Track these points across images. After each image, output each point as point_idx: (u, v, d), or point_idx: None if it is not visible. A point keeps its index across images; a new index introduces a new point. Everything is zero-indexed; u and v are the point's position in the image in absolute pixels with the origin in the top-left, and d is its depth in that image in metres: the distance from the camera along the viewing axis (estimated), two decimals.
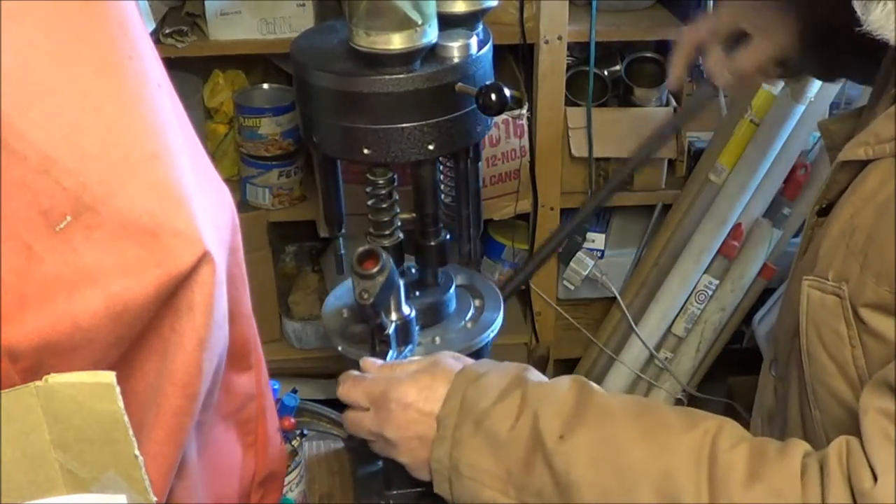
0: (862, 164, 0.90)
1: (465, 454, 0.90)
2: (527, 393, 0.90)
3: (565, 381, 0.91)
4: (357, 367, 1.04)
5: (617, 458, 0.84)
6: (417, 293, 1.16)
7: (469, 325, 1.18)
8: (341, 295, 1.24)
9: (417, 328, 1.10)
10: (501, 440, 0.88)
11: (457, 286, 1.20)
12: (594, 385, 0.91)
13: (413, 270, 1.20)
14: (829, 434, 0.91)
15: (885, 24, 0.83)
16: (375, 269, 0.98)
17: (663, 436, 0.84)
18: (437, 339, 1.15)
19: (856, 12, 0.83)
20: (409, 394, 0.94)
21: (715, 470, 0.80)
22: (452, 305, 1.18)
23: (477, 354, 1.21)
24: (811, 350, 0.92)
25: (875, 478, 0.74)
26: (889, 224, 0.83)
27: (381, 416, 0.97)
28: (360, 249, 1.00)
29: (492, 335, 1.17)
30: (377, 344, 1.05)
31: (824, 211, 0.96)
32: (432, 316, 1.16)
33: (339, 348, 1.16)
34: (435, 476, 0.93)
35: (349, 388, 1.00)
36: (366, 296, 0.98)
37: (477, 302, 1.21)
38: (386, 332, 1.04)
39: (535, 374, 0.94)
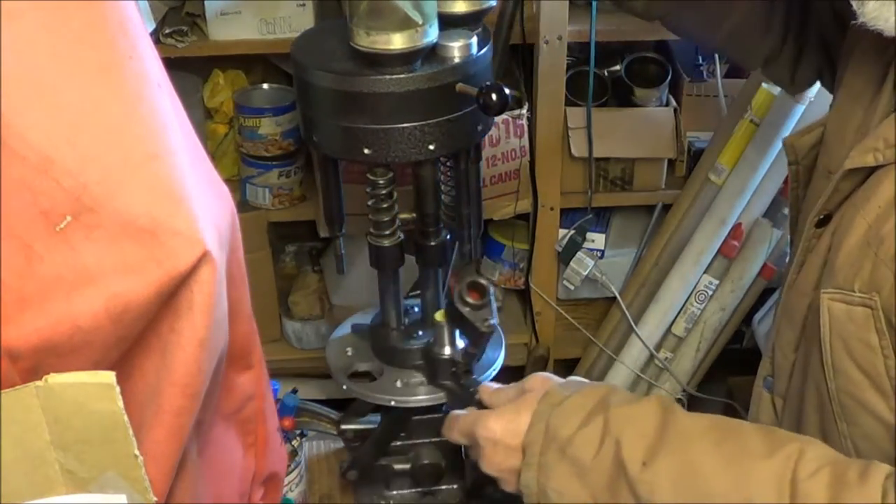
0: (867, 172, 0.88)
1: (552, 480, 0.92)
2: (609, 418, 0.90)
3: (649, 403, 0.91)
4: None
5: (699, 485, 0.84)
6: (420, 332, 1.18)
7: None
8: (345, 333, 1.26)
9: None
10: (586, 467, 0.89)
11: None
12: (677, 406, 0.91)
13: (415, 309, 1.21)
14: (859, 445, 0.89)
15: (879, 15, 0.82)
16: (482, 300, 1.06)
17: (745, 463, 0.83)
18: None
19: (851, 5, 0.83)
20: (496, 430, 0.98)
21: (795, 499, 0.80)
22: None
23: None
24: (837, 363, 0.90)
25: None
26: None
27: (476, 452, 1.02)
28: (466, 281, 1.06)
29: (493, 374, 1.19)
30: (462, 374, 1.13)
31: (822, 222, 0.94)
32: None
33: (344, 387, 1.18)
34: (526, 500, 0.96)
35: (448, 430, 1.08)
36: (487, 324, 1.06)
37: None
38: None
39: (618, 396, 0.94)
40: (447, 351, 1.13)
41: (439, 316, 1.12)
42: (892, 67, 0.91)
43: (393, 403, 1.17)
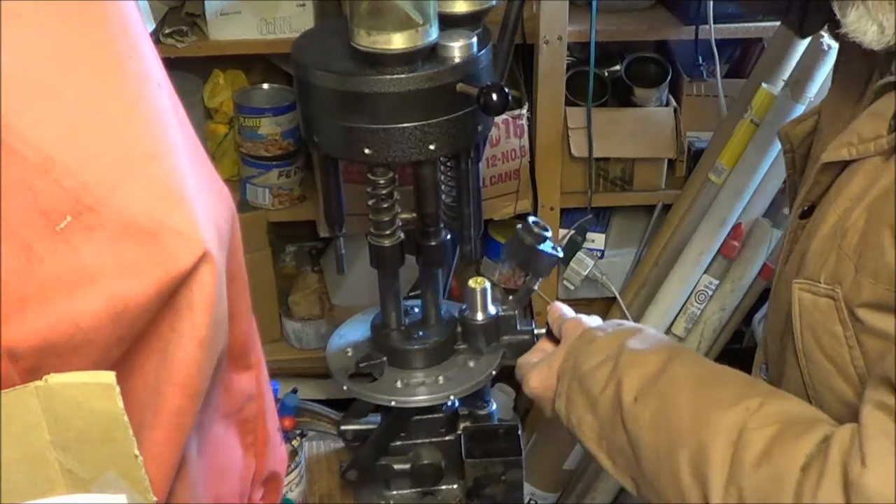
0: (843, 165, 0.89)
1: (573, 409, 1.05)
2: (619, 359, 1.01)
3: (657, 352, 1.01)
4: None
5: (669, 424, 0.93)
6: (421, 333, 1.18)
7: (472, 363, 1.19)
8: (346, 333, 1.26)
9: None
10: (595, 400, 1.02)
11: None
12: (684, 354, 1.01)
13: (416, 310, 1.21)
14: None
15: (858, 28, 0.84)
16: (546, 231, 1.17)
17: (710, 410, 0.90)
18: (441, 379, 1.17)
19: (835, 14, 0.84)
20: (536, 387, 1.12)
21: (738, 448, 0.85)
22: (455, 345, 1.20)
23: (480, 392, 1.22)
24: (808, 352, 0.93)
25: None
26: (881, 223, 0.83)
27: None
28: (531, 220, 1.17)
29: (493, 374, 1.19)
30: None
31: (807, 213, 0.96)
32: (436, 356, 1.18)
33: (344, 388, 1.18)
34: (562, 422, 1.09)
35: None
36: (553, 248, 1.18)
37: None
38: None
39: (636, 339, 1.04)
40: (480, 317, 1.18)
41: (473, 283, 1.16)
42: (872, 66, 0.92)
43: (393, 404, 1.17)
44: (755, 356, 1.11)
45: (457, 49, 1.00)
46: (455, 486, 1.28)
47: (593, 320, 1.15)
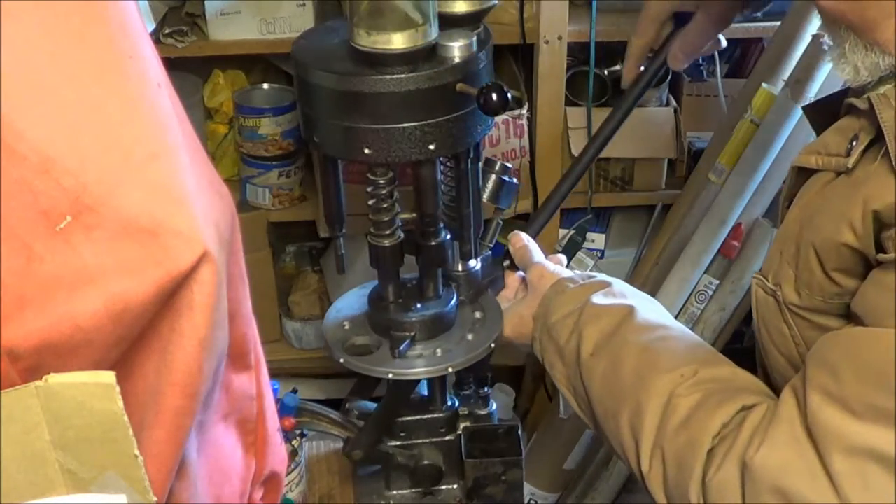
0: (811, 171, 0.92)
1: (546, 355, 1.13)
2: (582, 314, 1.07)
3: (619, 308, 1.06)
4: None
5: (616, 383, 0.99)
6: (419, 305, 1.17)
7: (470, 336, 1.18)
8: (342, 307, 1.25)
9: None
10: (561, 349, 1.09)
11: (458, 298, 1.20)
12: (642, 315, 1.04)
13: (413, 282, 1.21)
14: None
15: (837, 65, 0.88)
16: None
17: (650, 373, 0.96)
18: (439, 351, 1.16)
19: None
20: (510, 335, 1.20)
21: (666, 412, 0.91)
22: (454, 318, 1.19)
23: (479, 365, 1.21)
24: (764, 344, 0.98)
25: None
26: (809, 241, 0.87)
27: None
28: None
29: (493, 346, 1.18)
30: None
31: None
32: (434, 328, 1.17)
33: (341, 360, 1.17)
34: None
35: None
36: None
37: (478, 314, 1.21)
38: None
39: (602, 296, 1.09)
40: (460, 267, 1.22)
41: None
42: None
43: (390, 376, 1.15)
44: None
45: (457, 49, 1.00)
46: (455, 486, 1.28)
47: (558, 267, 1.20)
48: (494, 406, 1.30)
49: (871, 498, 0.76)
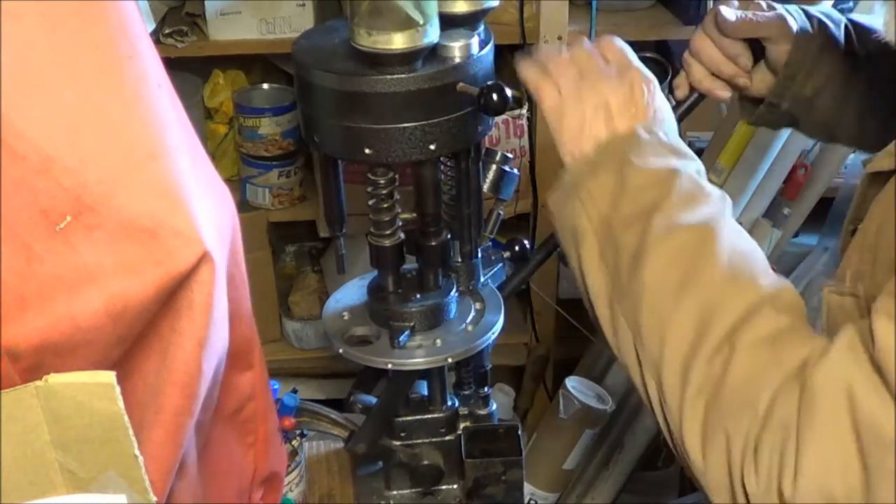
0: (889, 175, 0.86)
1: (598, 176, 0.91)
2: (676, 175, 0.89)
3: (714, 191, 0.91)
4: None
5: (693, 262, 0.84)
6: (418, 296, 1.16)
7: (470, 327, 1.18)
8: (342, 297, 1.24)
9: None
10: (628, 190, 0.89)
11: (458, 289, 1.19)
12: (729, 210, 0.92)
13: (413, 273, 1.20)
14: None
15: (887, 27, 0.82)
16: None
17: (744, 274, 0.83)
18: (439, 342, 1.15)
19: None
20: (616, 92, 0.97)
21: (749, 315, 0.79)
22: (453, 308, 1.18)
23: (478, 357, 1.21)
24: None
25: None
26: (888, 243, 0.81)
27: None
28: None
29: (493, 337, 1.17)
30: None
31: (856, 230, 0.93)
32: (433, 319, 1.16)
33: (340, 351, 1.16)
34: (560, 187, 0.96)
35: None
36: None
37: (478, 305, 1.21)
38: None
39: (697, 172, 0.92)
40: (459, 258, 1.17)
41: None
42: None
43: (390, 367, 1.14)
44: None
45: (457, 49, 1.00)
46: (455, 487, 1.28)
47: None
48: (494, 406, 1.29)
49: None
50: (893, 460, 0.68)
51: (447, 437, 1.27)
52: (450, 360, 1.14)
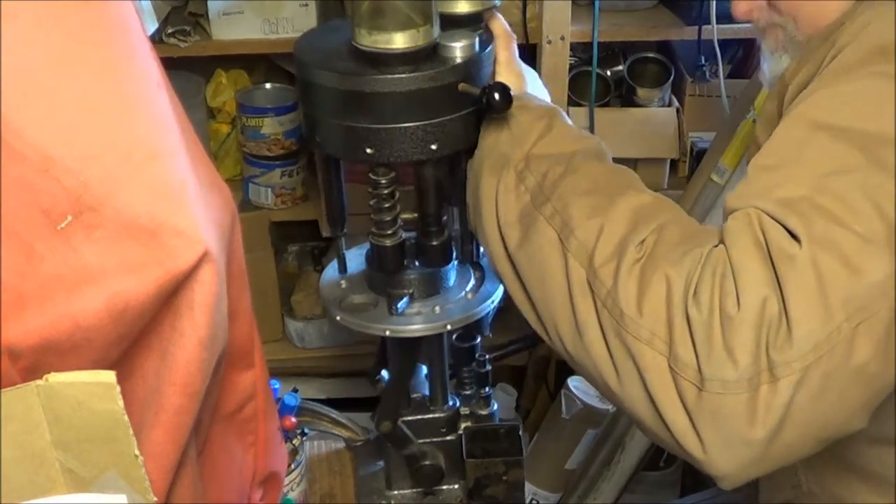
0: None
1: (527, 118, 1.00)
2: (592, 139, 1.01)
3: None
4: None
5: (614, 178, 0.93)
6: (417, 263, 1.16)
7: (469, 295, 1.17)
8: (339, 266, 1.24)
9: None
10: (552, 136, 0.99)
11: (457, 258, 1.19)
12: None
13: (412, 241, 1.19)
14: None
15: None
16: None
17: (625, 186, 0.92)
18: (437, 309, 1.14)
19: None
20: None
21: (671, 221, 0.86)
22: (453, 276, 1.18)
23: (477, 324, 1.20)
24: None
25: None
26: None
27: None
28: None
29: (492, 305, 1.16)
30: None
31: None
32: (433, 286, 1.16)
33: (338, 318, 1.15)
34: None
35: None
36: None
37: (477, 273, 1.20)
38: None
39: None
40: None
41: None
42: None
43: (388, 333, 1.14)
44: None
45: (458, 49, 1.00)
46: (456, 487, 1.28)
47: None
48: (496, 406, 1.29)
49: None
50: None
51: (448, 437, 1.27)
52: (448, 326, 1.13)
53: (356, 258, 1.22)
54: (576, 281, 0.88)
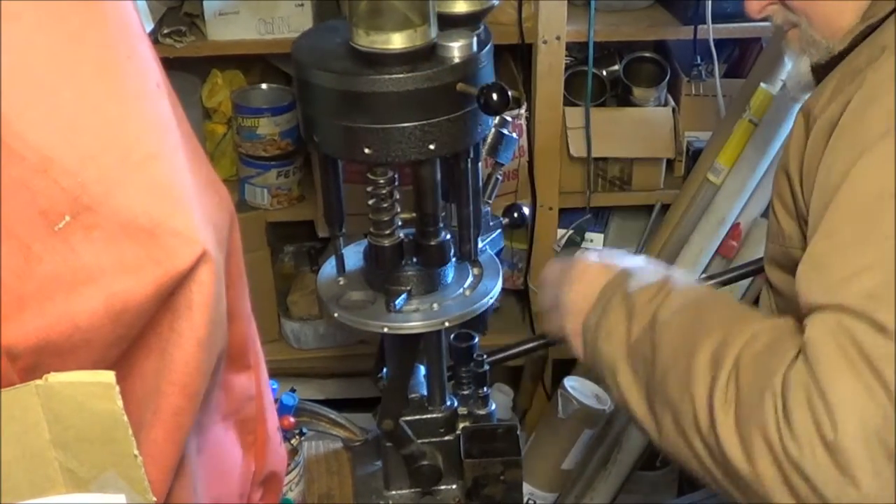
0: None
1: (608, 319, 1.02)
2: (667, 281, 1.00)
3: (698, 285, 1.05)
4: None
5: (695, 329, 0.91)
6: (415, 259, 1.15)
7: (467, 292, 1.17)
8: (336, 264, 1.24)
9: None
10: (636, 310, 0.99)
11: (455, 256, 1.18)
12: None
13: (410, 238, 1.18)
14: None
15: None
16: None
17: (738, 317, 0.90)
18: (435, 306, 1.14)
19: None
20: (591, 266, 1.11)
21: (748, 341, 0.85)
22: (451, 273, 1.18)
23: (476, 321, 1.20)
24: None
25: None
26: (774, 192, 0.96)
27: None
28: None
29: (490, 302, 1.16)
30: None
31: None
32: (431, 283, 1.16)
33: (336, 315, 1.15)
34: (582, 344, 1.07)
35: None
36: None
37: (475, 270, 1.20)
38: None
39: (678, 283, 1.02)
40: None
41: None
42: None
43: (386, 330, 1.14)
44: None
45: (456, 49, 1.00)
46: (454, 487, 1.28)
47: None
48: (493, 406, 1.29)
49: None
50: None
51: (446, 437, 1.27)
52: (447, 323, 1.13)
53: (354, 255, 1.22)
54: (705, 460, 0.87)
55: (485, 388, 1.29)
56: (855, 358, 0.75)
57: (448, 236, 1.15)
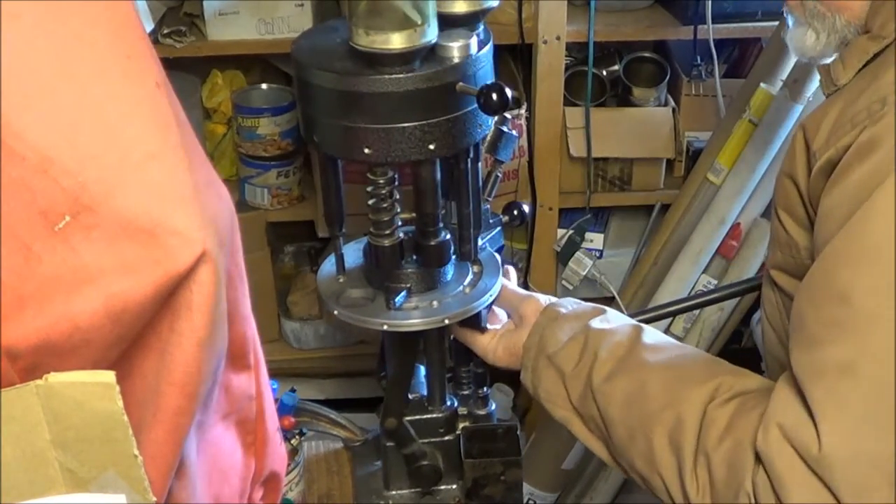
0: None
1: (541, 383, 1.10)
2: (588, 339, 1.06)
3: (624, 332, 1.06)
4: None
5: (644, 402, 0.98)
6: (415, 257, 1.15)
7: (467, 289, 1.17)
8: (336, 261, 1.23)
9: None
10: (565, 377, 1.06)
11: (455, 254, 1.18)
12: (647, 337, 1.05)
13: (409, 235, 1.18)
14: None
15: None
16: None
17: (682, 388, 0.96)
18: (435, 304, 1.14)
19: None
20: (501, 357, 1.19)
21: (704, 422, 0.91)
22: (451, 271, 1.18)
23: (475, 318, 1.20)
24: (764, 325, 1.04)
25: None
26: (777, 203, 1.00)
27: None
28: None
29: (490, 300, 1.16)
30: None
31: None
32: (431, 280, 1.16)
33: (336, 313, 1.15)
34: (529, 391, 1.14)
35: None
36: None
37: (475, 268, 1.20)
38: None
39: (600, 321, 1.09)
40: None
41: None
42: None
43: (385, 328, 1.13)
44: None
45: (456, 49, 1.00)
46: (454, 487, 1.28)
47: (547, 296, 1.18)
48: (493, 406, 1.30)
49: (850, 413, 0.81)
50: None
51: (446, 437, 1.27)
52: (446, 320, 1.13)
53: (353, 253, 1.22)
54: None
55: (485, 388, 1.29)
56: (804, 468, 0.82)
57: (448, 236, 1.15)
